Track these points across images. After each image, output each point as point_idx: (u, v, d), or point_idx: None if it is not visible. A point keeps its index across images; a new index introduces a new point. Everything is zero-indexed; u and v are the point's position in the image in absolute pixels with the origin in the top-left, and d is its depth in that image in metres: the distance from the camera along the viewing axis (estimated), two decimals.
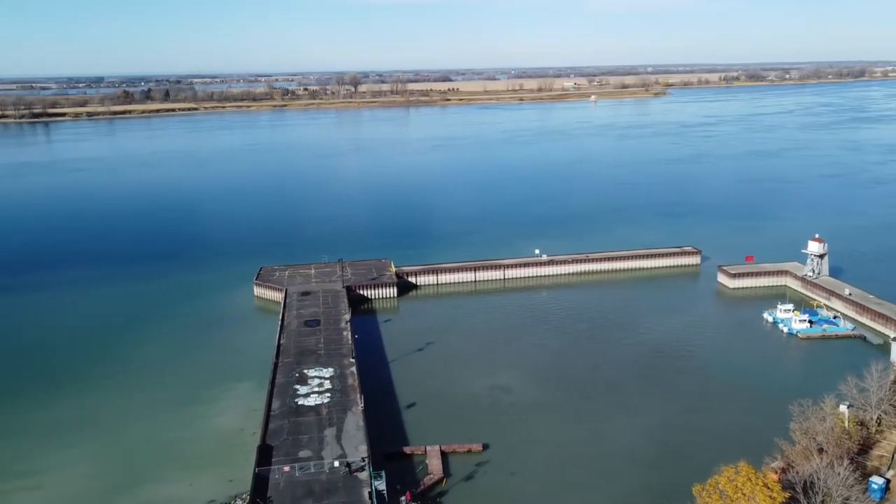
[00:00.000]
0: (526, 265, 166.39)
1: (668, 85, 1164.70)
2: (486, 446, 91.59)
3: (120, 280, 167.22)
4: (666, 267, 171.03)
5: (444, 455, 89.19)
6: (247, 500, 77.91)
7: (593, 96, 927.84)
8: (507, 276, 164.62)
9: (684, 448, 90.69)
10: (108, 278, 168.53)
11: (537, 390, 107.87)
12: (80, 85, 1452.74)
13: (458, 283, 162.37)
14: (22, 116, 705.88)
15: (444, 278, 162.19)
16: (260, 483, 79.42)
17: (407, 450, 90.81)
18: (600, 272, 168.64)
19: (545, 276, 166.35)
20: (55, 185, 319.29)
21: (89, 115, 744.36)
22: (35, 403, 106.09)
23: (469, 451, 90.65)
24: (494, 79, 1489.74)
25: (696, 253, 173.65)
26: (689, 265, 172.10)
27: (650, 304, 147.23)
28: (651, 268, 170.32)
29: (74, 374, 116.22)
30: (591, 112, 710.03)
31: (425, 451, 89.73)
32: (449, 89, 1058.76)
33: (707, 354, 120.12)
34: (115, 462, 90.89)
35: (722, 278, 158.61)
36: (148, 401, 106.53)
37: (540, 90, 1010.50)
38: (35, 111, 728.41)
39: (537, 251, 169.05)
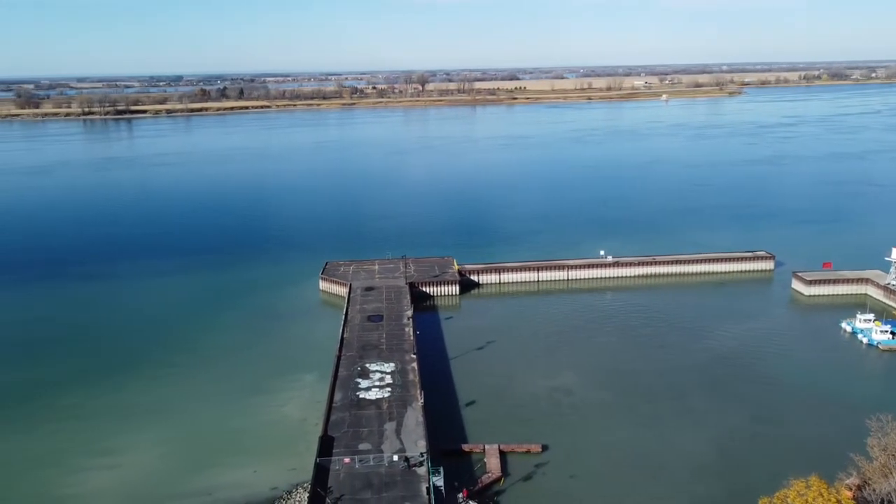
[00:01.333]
0: (590, 266, 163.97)
1: (744, 84, 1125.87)
2: (545, 447, 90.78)
3: (195, 270, 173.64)
4: (737, 272, 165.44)
5: (502, 454, 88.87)
6: (308, 489, 79.62)
7: (665, 95, 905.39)
8: (570, 277, 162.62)
9: (752, 459, 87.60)
10: (183, 269, 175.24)
11: (599, 393, 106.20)
12: (161, 83, 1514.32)
13: (521, 282, 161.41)
14: (107, 113, 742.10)
15: (507, 277, 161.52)
16: (321, 473, 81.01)
17: (465, 447, 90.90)
18: (667, 275, 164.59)
19: (610, 277, 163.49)
20: (138, 179, 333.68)
21: (168, 112, 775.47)
22: (115, 387, 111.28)
23: (528, 452, 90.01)
24: (562, 77, 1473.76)
25: (770, 258, 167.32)
26: (761, 270, 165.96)
27: (719, 309, 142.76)
28: (721, 272, 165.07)
29: (150, 359, 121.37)
30: (662, 111, 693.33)
31: (484, 450, 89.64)
32: (516, 88, 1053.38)
33: (779, 363, 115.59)
34: (185, 446, 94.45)
35: (797, 285, 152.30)
36: (217, 388, 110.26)
37: (609, 89, 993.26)
38: (119, 108, 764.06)
39: (602, 252, 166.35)
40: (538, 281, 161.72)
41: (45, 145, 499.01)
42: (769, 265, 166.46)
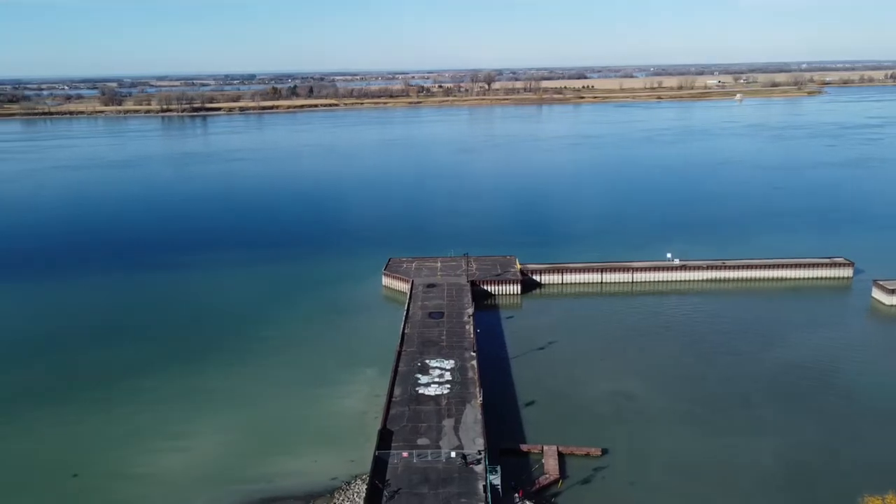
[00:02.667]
0: (656, 269, 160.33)
1: (825, 83, 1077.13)
2: (605, 451, 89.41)
3: (267, 263, 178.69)
4: (812, 278, 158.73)
5: (561, 456, 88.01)
6: (366, 481, 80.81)
7: (738, 94, 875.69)
8: (635, 280, 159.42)
9: (824, 473, 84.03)
10: (256, 261, 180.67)
11: (663, 399, 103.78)
12: (235, 81, 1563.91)
13: (584, 283, 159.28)
14: (184, 110, 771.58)
15: (570, 278, 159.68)
16: (379, 466, 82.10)
17: (524, 447, 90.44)
18: (738, 280, 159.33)
19: (676, 281, 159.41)
20: (214, 174, 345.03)
21: (241, 109, 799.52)
22: (188, 373, 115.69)
23: (587, 455, 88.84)
24: (632, 76, 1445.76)
25: (849, 265, 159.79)
26: (839, 278, 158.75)
27: (792, 317, 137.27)
28: (795, 278, 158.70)
29: (222, 348, 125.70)
30: (736, 111, 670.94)
31: (542, 451, 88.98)
32: (584, 87, 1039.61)
33: (856, 376, 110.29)
34: (250, 432, 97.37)
35: (878, 294, 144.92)
36: (283, 378, 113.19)
37: (680, 88, 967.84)
38: (195, 106, 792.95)
39: (669, 255, 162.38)
40: (601, 282, 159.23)
41: (127, 141, 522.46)
42: (847, 272, 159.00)
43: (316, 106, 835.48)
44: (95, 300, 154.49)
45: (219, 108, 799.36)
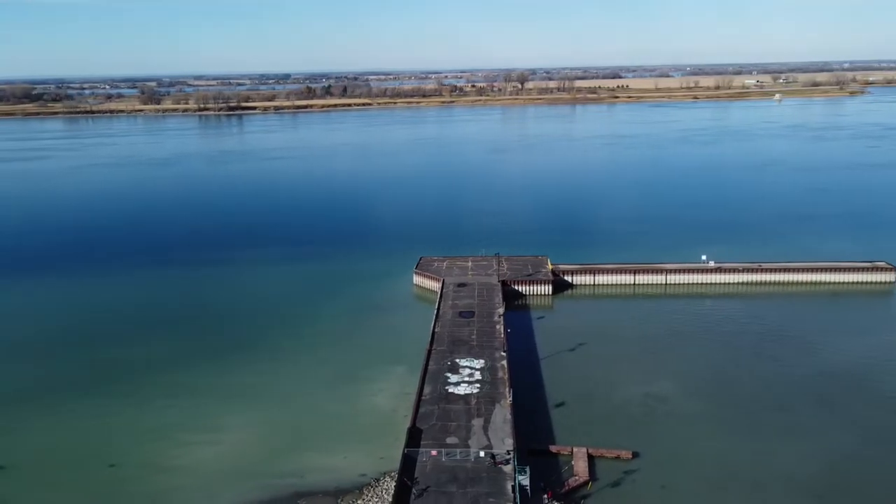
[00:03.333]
0: (690, 271, 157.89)
1: (868, 83, 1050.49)
2: (635, 454, 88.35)
3: (299, 260, 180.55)
4: (853, 283, 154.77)
5: (590, 458, 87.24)
6: (395, 478, 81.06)
7: (777, 94, 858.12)
8: (668, 282, 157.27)
9: (864, 482, 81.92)
10: (289, 258, 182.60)
11: (695, 403, 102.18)
12: (270, 81, 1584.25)
13: (616, 284, 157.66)
14: (220, 109, 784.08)
15: (602, 279, 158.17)
16: (408, 463, 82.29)
17: (553, 448, 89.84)
18: (774, 283, 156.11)
19: (711, 283, 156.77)
20: (249, 172, 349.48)
21: (276, 108, 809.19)
22: (221, 368, 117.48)
23: (618, 458, 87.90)
24: (668, 76, 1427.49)
25: (892, 269, 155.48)
26: (881, 282, 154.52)
27: (832, 322, 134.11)
28: (835, 283, 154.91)
29: (254, 344, 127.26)
30: (775, 111, 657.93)
31: (572, 452, 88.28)
32: (618, 87, 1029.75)
33: None
34: (281, 427, 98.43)
35: None
36: (314, 374, 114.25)
37: (717, 88, 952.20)
38: (231, 105, 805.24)
39: (704, 257, 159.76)
40: (634, 284, 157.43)
41: (165, 139, 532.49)
42: (889, 277, 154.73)
43: (349, 105, 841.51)
44: (134, 295, 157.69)
45: (254, 108, 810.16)
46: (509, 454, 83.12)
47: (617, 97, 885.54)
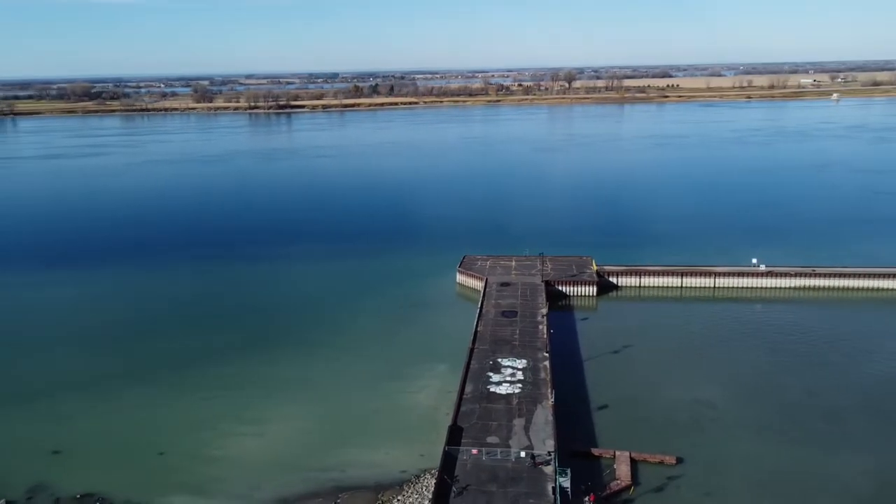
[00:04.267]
0: (740, 275, 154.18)
1: None
2: (679, 460, 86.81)
3: (345, 256, 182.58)
4: None
5: (633, 462, 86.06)
6: (435, 476, 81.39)
7: (835, 94, 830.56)
8: (717, 285, 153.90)
9: None
10: (335, 254, 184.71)
11: (743, 409, 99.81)
12: (319, 80, 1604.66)
13: (663, 287, 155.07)
14: (270, 108, 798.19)
15: (648, 281, 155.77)
16: (448, 461, 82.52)
17: (595, 451, 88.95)
18: (829, 289, 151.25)
19: (762, 287, 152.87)
20: (298, 169, 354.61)
21: (324, 107, 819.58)
22: (266, 360, 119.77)
23: (661, 463, 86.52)
24: (720, 75, 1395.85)
25: None
26: None
27: (888, 330, 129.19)
28: (893, 289, 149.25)
29: (299, 338, 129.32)
30: (833, 111, 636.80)
31: (614, 456, 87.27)
32: (668, 86, 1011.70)
33: None
34: (323, 421, 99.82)
35: None
36: (357, 370, 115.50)
37: (772, 87, 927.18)
38: (280, 103, 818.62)
39: (755, 261, 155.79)
40: (681, 287, 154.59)
41: (217, 136, 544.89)
42: None
43: (396, 104, 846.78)
44: (186, 288, 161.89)
45: (302, 106, 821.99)
46: (550, 455, 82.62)
47: (667, 97, 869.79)
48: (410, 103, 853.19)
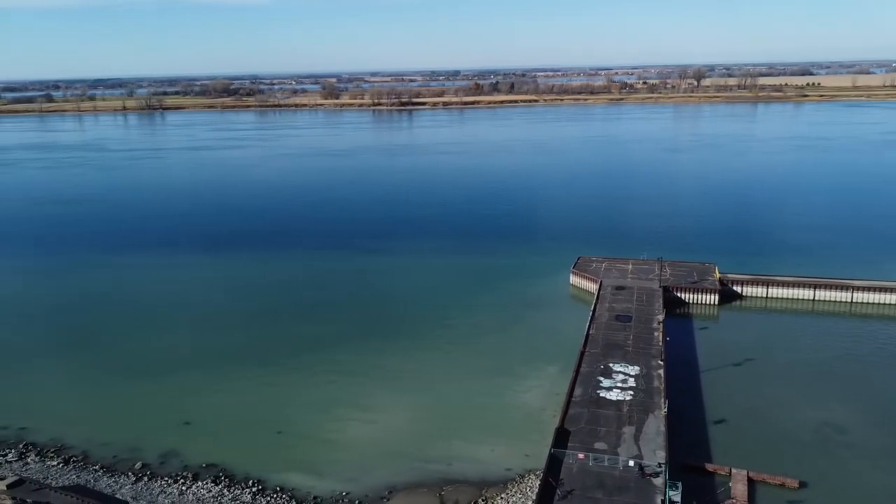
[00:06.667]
0: (883, 290, 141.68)
1: None
2: (802, 484, 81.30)
3: (458, 252, 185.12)
4: None
5: (751, 482, 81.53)
6: (540, 477, 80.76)
7: None
8: (855, 300, 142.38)
9: None
10: (448, 250, 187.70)
11: (876, 435, 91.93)
12: (440, 77, 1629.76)
13: (792, 299, 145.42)
14: (392, 105, 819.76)
15: (776, 292, 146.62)
16: (554, 464, 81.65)
17: (709, 467, 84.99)
18: None
19: None
20: (418, 165, 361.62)
21: (444, 104, 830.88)
22: (380, 350, 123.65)
23: (782, 485, 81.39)
24: (868, 72, 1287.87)
25: None
26: None
27: None
28: None
29: (412, 329, 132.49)
30: None
31: (730, 473, 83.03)
32: (807, 84, 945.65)
33: None
34: (432, 413, 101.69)
35: None
36: (467, 364, 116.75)
37: None
38: (402, 100, 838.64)
39: None
40: (814, 300, 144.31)
41: (343, 132, 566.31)
42: None
43: (515, 102, 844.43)
44: (307, 276, 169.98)
45: (423, 103, 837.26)
46: (660, 467, 79.81)
47: (806, 96, 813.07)
48: (530, 101, 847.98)
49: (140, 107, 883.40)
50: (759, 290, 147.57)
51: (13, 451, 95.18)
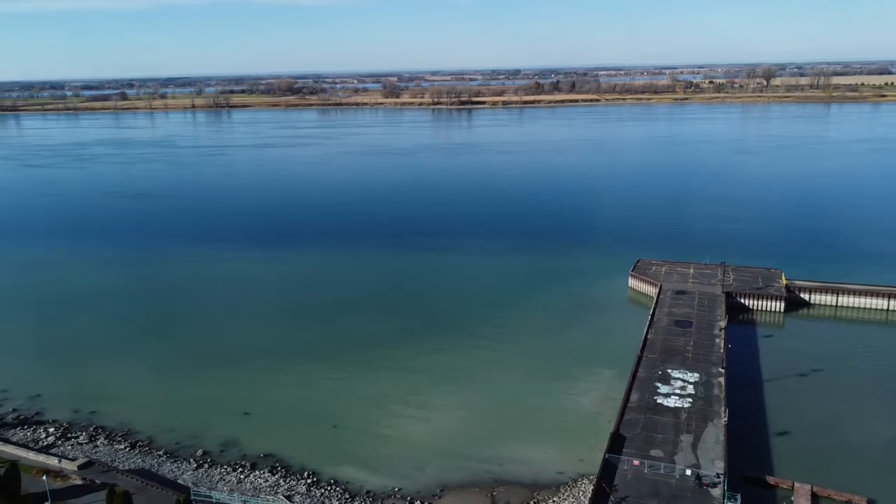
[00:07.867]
0: None
1: None
2: (871, 502, 77.89)
3: (517, 252, 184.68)
4: None
5: (815, 497, 78.63)
6: (593, 482, 79.81)
7: None
8: None
9: None
10: (507, 249, 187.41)
11: None
12: (501, 76, 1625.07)
13: (864, 308, 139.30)
14: (451, 104, 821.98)
15: (847, 300, 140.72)
16: (608, 469, 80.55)
17: (771, 479, 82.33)
18: None
19: None
20: (477, 164, 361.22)
21: (504, 103, 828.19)
22: (437, 348, 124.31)
23: (849, 502, 78.17)
24: None
25: None
26: None
27: None
28: None
29: (466, 329, 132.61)
30: None
31: (792, 487, 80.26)
32: (886, 84, 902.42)
33: None
34: (485, 413, 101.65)
35: None
36: (521, 365, 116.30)
37: None
38: (462, 99, 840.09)
39: None
40: (888, 310, 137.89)
41: (404, 130, 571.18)
42: None
43: (576, 101, 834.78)
44: (365, 273, 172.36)
45: (483, 102, 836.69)
46: (719, 477, 77.75)
47: (884, 96, 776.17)
48: (591, 100, 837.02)
49: (208, 105, 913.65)
50: (829, 299, 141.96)
51: (84, 433, 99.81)
